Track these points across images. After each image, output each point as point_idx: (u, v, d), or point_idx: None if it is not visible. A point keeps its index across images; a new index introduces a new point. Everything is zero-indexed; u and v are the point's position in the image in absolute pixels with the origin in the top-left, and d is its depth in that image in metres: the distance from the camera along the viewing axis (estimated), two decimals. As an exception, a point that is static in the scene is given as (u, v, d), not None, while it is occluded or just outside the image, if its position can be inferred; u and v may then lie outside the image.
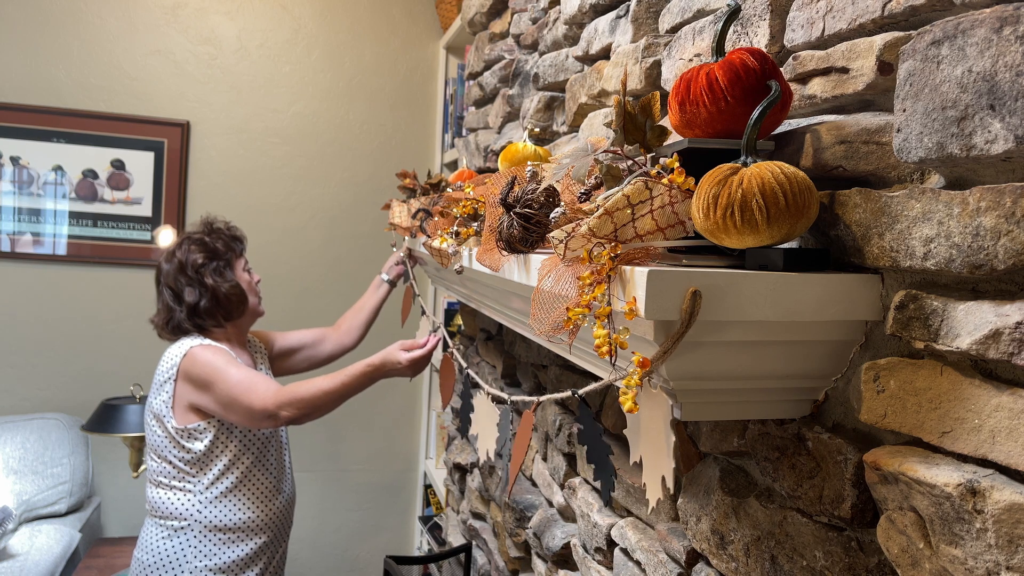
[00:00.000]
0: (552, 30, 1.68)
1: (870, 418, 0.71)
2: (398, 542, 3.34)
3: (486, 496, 2.11)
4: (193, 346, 1.87)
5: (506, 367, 2.00)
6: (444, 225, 1.34)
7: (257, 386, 1.77)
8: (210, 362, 1.82)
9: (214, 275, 1.94)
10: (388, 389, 3.27)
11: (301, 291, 3.17)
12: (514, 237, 0.90)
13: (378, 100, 3.21)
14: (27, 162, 2.90)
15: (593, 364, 0.96)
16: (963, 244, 0.61)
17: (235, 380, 1.79)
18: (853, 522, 0.74)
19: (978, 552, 0.58)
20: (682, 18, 1.12)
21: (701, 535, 0.99)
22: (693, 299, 0.65)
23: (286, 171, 3.13)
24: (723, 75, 0.77)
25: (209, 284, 1.93)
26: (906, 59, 0.66)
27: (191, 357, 1.85)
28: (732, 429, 0.94)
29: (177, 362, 1.86)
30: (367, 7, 3.17)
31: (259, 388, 1.77)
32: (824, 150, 0.77)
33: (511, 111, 1.94)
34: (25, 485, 2.65)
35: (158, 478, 1.90)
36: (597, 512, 1.34)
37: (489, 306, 1.39)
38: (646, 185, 0.72)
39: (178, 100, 3.01)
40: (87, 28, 2.91)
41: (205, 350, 1.85)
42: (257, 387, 1.77)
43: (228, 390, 1.78)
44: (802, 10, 0.85)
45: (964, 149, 0.60)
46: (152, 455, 1.92)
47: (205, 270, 1.94)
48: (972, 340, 0.61)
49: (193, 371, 1.83)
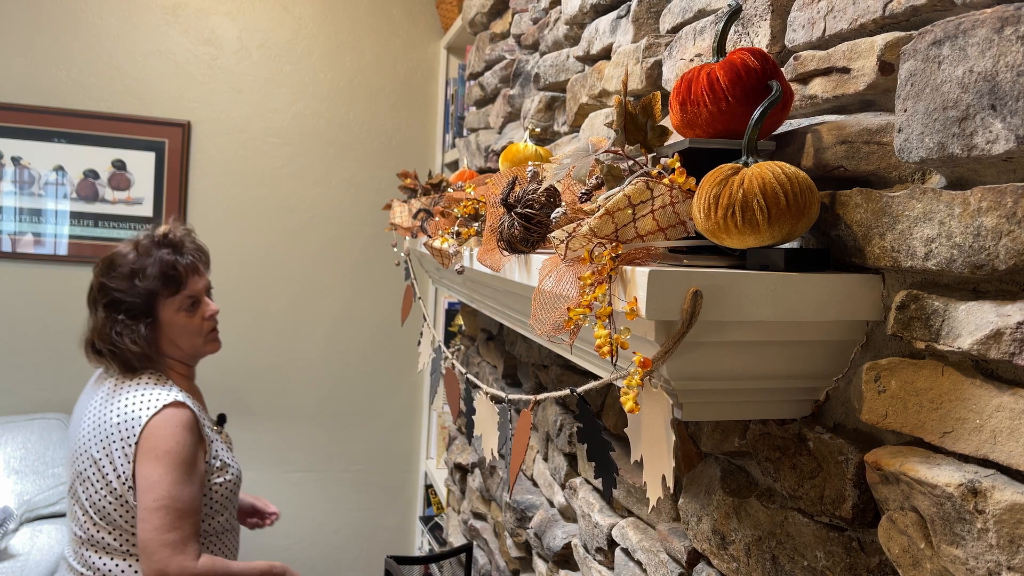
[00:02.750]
0: (553, 30, 1.68)
1: (871, 418, 0.71)
2: (399, 542, 3.34)
3: (487, 496, 2.11)
4: (158, 411, 1.65)
5: (507, 367, 2.00)
6: (445, 225, 1.34)
7: (190, 542, 1.60)
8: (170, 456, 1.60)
9: (120, 327, 1.71)
10: (388, 389, 3.28)
11: (301, 291, 3.17)
12: (515, 237, 0.90)
13: (379, 100, 3.21)
14: (28, 162, 2.90)
15: (594, 364, 0.96)
16: (964, 244, 0.61)
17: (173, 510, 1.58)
18: (854, 522, 0.74)
19: (979, 552, 0.58)
20: (683, 18, 1.11)
21: (702, 535, 0.99)
22: (694, 299, 0.65)
23: (287, 171, 3.13)
24: (724, 75, 0.77)
25: (114, 338, 1.70)
26: (907, 59, 0.66)
27: (154, 428, 1.63)
28: (733, 429, 0.94)
29: (141, 425, 1.64)
30: (368, 7, 3.17)
31: (191, 548, 1.60)
32: (825, 150, 0.77)
33: (512, 111, 1.94)
34: (26, 485, 2.65)
35: (106, 540, 1.67)
36: (598, 512, 1.34)
37: (490, 306, 1.39)
38: (647, 185, 0.72)
39: (179, 100, 3.01)
40: (87, 28, 2.91)
41: (171, 426, 1.63)
42: (190, 544, 1.60)
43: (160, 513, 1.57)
44: (803, 10, 0.85)
45: (965, 149, 0.60)
46: (93, 516, 1.67)
47: (111, 321, 1.71)
48: (973, 340, 0.61)
49: (150, 446, 1.62)
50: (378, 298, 3.24)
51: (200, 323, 1.82)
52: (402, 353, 3.29)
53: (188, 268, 1.79)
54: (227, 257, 3.08)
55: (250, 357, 3.12)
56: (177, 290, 1.77)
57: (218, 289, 3.07)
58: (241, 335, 3.10)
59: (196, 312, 1.82)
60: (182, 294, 1.78)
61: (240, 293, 3.10)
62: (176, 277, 1.76)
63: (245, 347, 3.11)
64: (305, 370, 3.18)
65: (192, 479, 1.66)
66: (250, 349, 3.12)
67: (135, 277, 1.73)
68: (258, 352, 3.13)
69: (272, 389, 3.15)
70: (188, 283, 1.79)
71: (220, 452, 1.81)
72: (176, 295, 1.77)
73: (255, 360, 3.13)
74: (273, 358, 3.15)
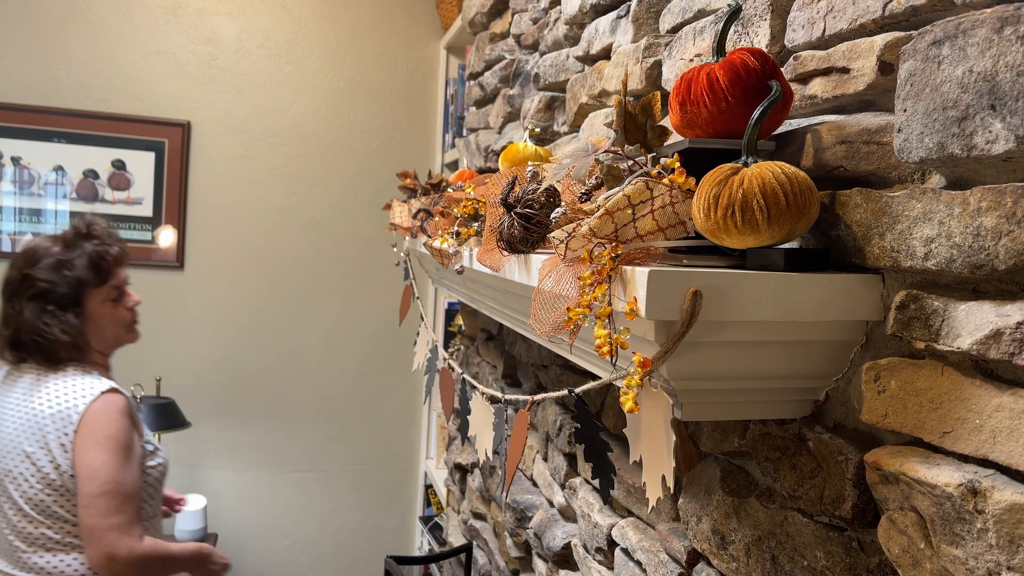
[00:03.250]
0: (553, 30, 1.68)
1: (871, 418, 0.71)
2: (399, 542, 3.34)
3: (487, 496, 2.11)
4: (96, 398, 1.67)
5: (506, 367, 2.00)
6: (445, 225, 1.34)
7: (135, 524, 1.62)
8: (112, 440, 1.63)
9: (48, 317, 1.72)
10: (388, 389, 3.28)
11: (301, 291, 3.17)
12: (515, 237, 0.90)
13: (379, 100, 3.21)
14: (28, 162, 2.90)
15: (594, 364, 0.96)
16: (964, 244, 0.61)
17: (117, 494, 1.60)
18: (854, 522, 0.74)
19: (979, 552, 0.58)
20: (683, 18, 1.11)
21: (702, 535, 0.99)
22: (694, 299, 0.65)
23: (286, 171, 3.13)
24: (724, 75, 0.77)
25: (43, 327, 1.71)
26: (907, 59, 0.66)
27: (93, 416, 1.65)
28: (733, 429, 0.94)
29: (80, 413, 1.66)
30: (368, 7, 3.17)
31: (136, 529, 1.62)
32: (825, 150, 0.77)
33: (512, 111, 1.94)
34: None
35: (46, 536, 1.66)
36: (598, 512, 1.34)
37: (489, 306, 1.39)
38: (647, 185, 0.72)
39: (179, 100, 3.01)
40: (87, 28, 2.91)
41: (110, 412, 1.66)
42: (135, 525, 1.62)
43: (105, 498, 1.59)
44: (803, 10, 0.85)
45: (965, 149, 0.60)
46: (30, 513, 1.65)
47: (39, 312, 1.72)
48: (973, 340, 0.61)
49: (90, 433, 1.64)
50: (378, 298, 3.24)
51: (124, 313, 1.86)
52: (402, 353, 3.29)
53: (115, 259, 1.83)
54: (227, 257, 3.08)
55: (250, 357, 3.12)
56: (105, 280, 1.80)
57: (218, 289, 3.08)
58: (241, 335, 3.10)
59: (121, 303, 1.85)
60: (109, 284, 1.81)
61: (240, 293, 3.10)
62: (104, 267, 1.80)
63: (245, 347, 3.11)
64: (305, 370, 3.18)
65: (132, 463, 1.68)
66: (250, 349, 3.11)
67: (63, 268, 1.75)
68: (258, 352, 3.13)
69: (272, 389, 3.15)
70: (114, 273, 1.83)
71: (149, 437, 1.86)
72: (103, 285, 1.80)
73: (255, 360, 3.12)
74: (273, 358, 3.15)
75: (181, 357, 3.04)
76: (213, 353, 3.08)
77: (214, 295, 3.07)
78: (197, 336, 3.06)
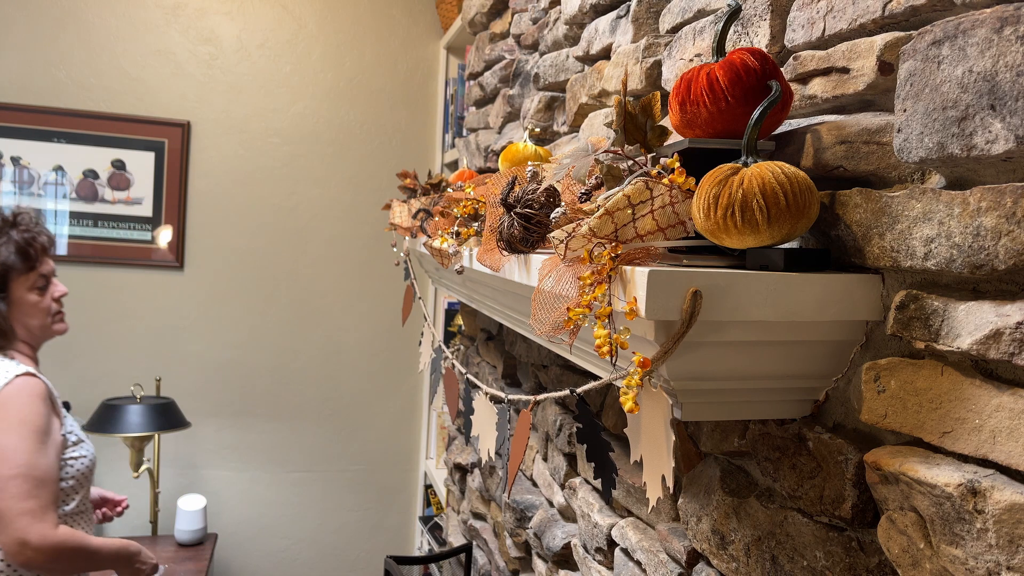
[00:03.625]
0: (552, 30, 1.68)
1: (871, 418, 0.71)
2: (398, 542, 3.34)
3: (486, 496, 2.11)
4: (9, 381, 1.65)
5: (506, 367, 2.01)
6: (445, 225, 1.34)
7: (49, 510, 1.59)
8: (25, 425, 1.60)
9: None
10: (388, 389, 3.28)
11: (301, 291, 3.17)
12: (515, 237, 0.90)
13: (378, 100, 3.21)
14: (28, 162, 2.90)
15: (593, 364, 0.96)
16: (964, 244, 0.61)
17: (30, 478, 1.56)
18: (854, 522, 0.74)
19: (979, 552, 0.58)
20: (682, 18, 1.11)
21: (702, 535, 0.99)
22: (694, 299, 0.65)
23: (286, 171, 3.13)
24: (724, 75, 0.77)
25: None
26: (907, 59, 0.66)
27: (6, 398, 1.63)
28: (733, 429, 0.94)
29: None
30: (367, 7, 3.17)
31: (50, 516, 1.59)
32: (825, 150, 0.77)
33: (511, 111, 1.94)
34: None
35: None
36: (597, 512, 1.34)
37: (489, 306, 1.39)
38: (647, 185, 0.72)
39: (178, 100, 3.01)
40: (87, 28, 2.91)
41: (24, 395, 1.63)
42: (49, 512, 1.59)
43: (17, 481, 1.56)
44: (803, 10, 0.85)
45: (965, 149, 0.60)
46: None
47: None
48: (973, 340, 0.61)
49: (2, 416, 1.62)
50: (378, 298, 3.24)
51: (50, 303, 1.86)
52: (402, 353, 3.29)
53: (42, 247, 1.83)
54: (226, 257, 3.08)
55: (250, 357, 3.12)
56: (32, 267, 1.80)
57: (218, 289, 3.08)
58: (241, 335, 3.10)
59: (46, 292, 1.85)
60: (36, 271, 1.82)
61: (240, 293, 3.10)
62: (32, 255, 1.80)
63: (245, 347, 3.11)
64: (305, 370, 3.18)
65: (48, 449, 1.66)
66: (250, 349, 3.11)
67: None
68: (258, 352, 3.13)
69: (272, 389, 3.15)
70: (42, 261, 1.83)
71: (75, 428, 1.84)
72: (30, 272, 1.80)
73: (255, 360, 3.13)
74: (273, 358, 3.15)
75: (181, 357, 3.04)
76: (213, 353, 3.08)
77: (214, 295, 3.07)
78: (197, 336, 3.06)
